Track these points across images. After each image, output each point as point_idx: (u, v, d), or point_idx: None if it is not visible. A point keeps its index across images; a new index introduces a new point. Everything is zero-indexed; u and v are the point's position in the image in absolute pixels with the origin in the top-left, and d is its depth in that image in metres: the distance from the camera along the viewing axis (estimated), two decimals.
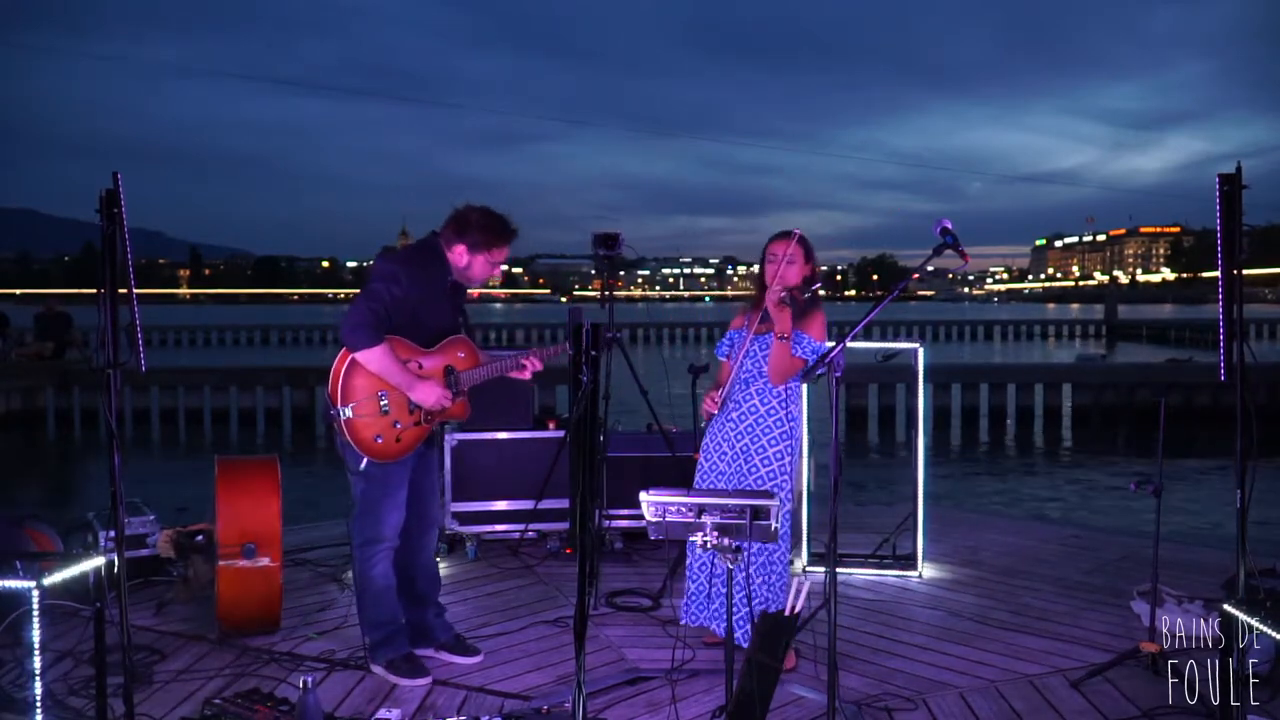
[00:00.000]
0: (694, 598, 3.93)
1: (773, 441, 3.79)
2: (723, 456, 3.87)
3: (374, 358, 3.52)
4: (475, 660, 3.88)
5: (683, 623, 3.96)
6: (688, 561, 3.98)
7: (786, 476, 3.81)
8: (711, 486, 3.86)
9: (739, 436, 3.83)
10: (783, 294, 3.73)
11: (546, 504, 5.42)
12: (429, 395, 3.59)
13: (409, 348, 3.62)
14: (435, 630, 3.94)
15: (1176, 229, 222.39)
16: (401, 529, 3.77)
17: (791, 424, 3.82)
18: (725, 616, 3.71)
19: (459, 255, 3.71)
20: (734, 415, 3.87)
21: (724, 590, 3.76)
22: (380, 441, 3.60)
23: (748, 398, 3.85)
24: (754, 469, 3.80)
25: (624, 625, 4.30)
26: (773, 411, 3.81)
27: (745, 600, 3.68)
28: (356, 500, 3.72)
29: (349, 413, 3.56)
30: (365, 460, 3.62)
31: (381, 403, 3.58)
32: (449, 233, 3.72)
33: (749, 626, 3.62)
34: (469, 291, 3.88)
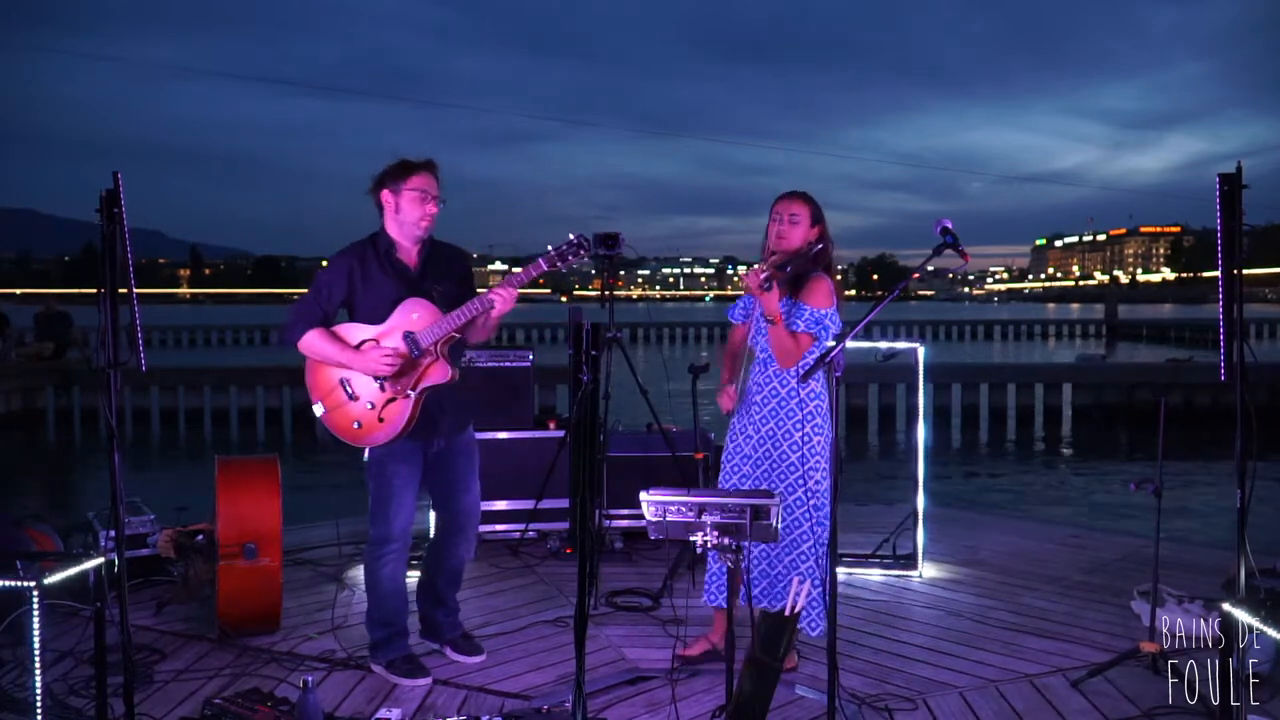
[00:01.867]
0: (715, 577, 3.78)
1: (798, 425, 3.63)
2: (748, 439, 3.72)
3: (306, 346, 3.56)
4: (478, 659, 3.88)
5: (713, 604, 3.80)
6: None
7: (820, 456, 3.63)
8: (738, 472, 3.73)
9: (764, 421, 3.69)
10: (764, 275, 3.46)
11: (546, 504, 5.42)
12: (366, 362, 3.50)
13: (362, 328, 3.57)
14: (443, 628, 3.94)
15: (1177, 229, 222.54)
16: (426, 530, 3.76)
17: (815, 402, 3.64)
18: (766, 592, 3.67)
19: (388, 205, 3.60)
20: (757, 399, 3.72)
21: (761, 564, 3.69)
22: (360, 427, 3.56)
23: (767, 380, 3.70)
24: (784, 455, 3.64)
25: (624, 625, 4.30)
26: (793, 394, 3.65)
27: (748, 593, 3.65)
28: (369, 500, 3.73)
29: (321, 409, 3.60)
30: (366, 450, 3.63)
31: (345, 389, 3.56)
32: (374, 194, 3.64)
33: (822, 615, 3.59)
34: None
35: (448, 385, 3.58)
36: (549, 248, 3.49)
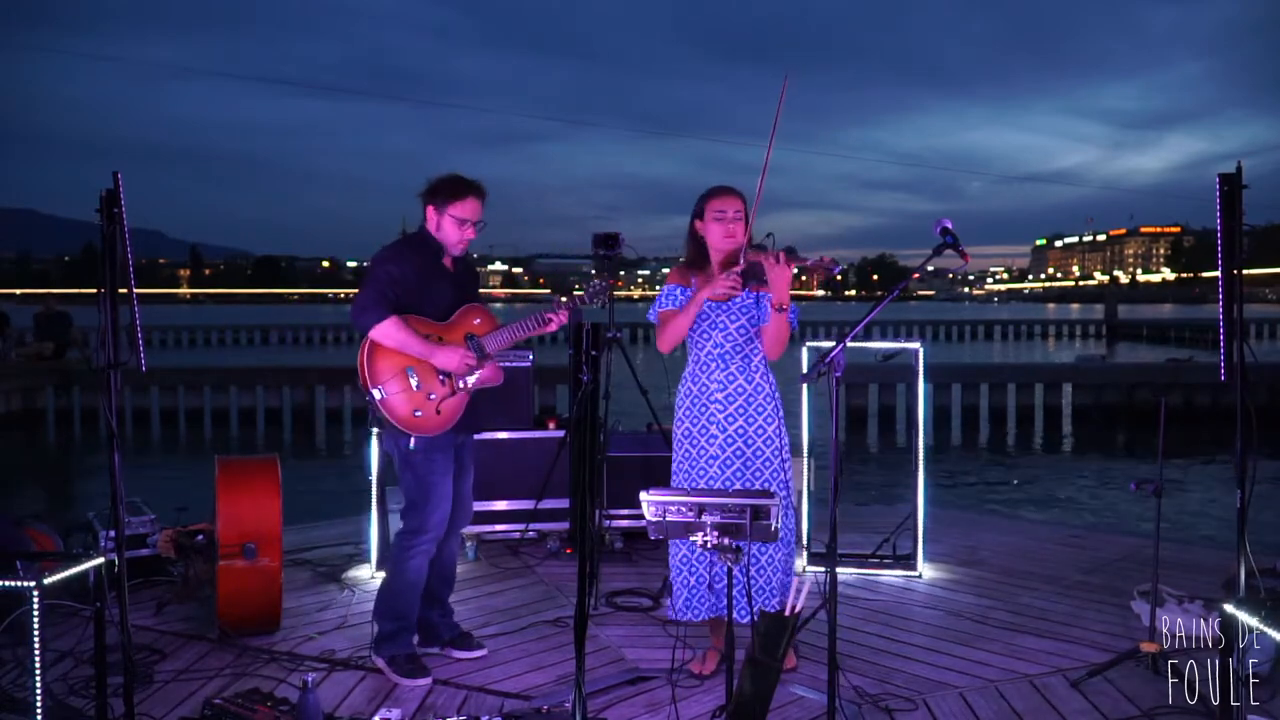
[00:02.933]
0: (695, 591, 3.70)
1: (769, 419, 3.61)
2: (713, 440, 3.61)
3: (386, 332, 3.59)
4: (479, 654, 3.90)
5: (685, 619, 3.71)
6: (680, 555, 3.70)
7: (787, 449, 3.65)
8: (704, 475, 3.63)
9: (730, 419, 3.60)
10: (805, 261, 3.38)
11: (546, 504, 5.42)
12: (450, 358, 3.63)
13: (426, 323, 3.68)
14: (439, 629, 3.95)
15: (1177, 229, 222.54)
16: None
17: (777, 397, 3.67)
18: (758, 595, 3.63)
19: (432, 221, 3.75)
20: (719, 396, 3.61)
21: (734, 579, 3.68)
22: (420, 415, 3.64)
23: (730, 377, 3.61)
24: (758, 452, 3.60)
25: (624, 625, 4.30)
26: (760, 388, 3.62)
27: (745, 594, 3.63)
28: (404, 492, 3.79)
29: (381, 393, 3.62)
30: (413, 438, 3.66)
31: (410, 378, 3.63)
32: (425, 203, 3.76)
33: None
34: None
35: (490, 388, 3.79)
36: (584, 286, 3.74)
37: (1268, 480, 10.56)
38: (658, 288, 3.87)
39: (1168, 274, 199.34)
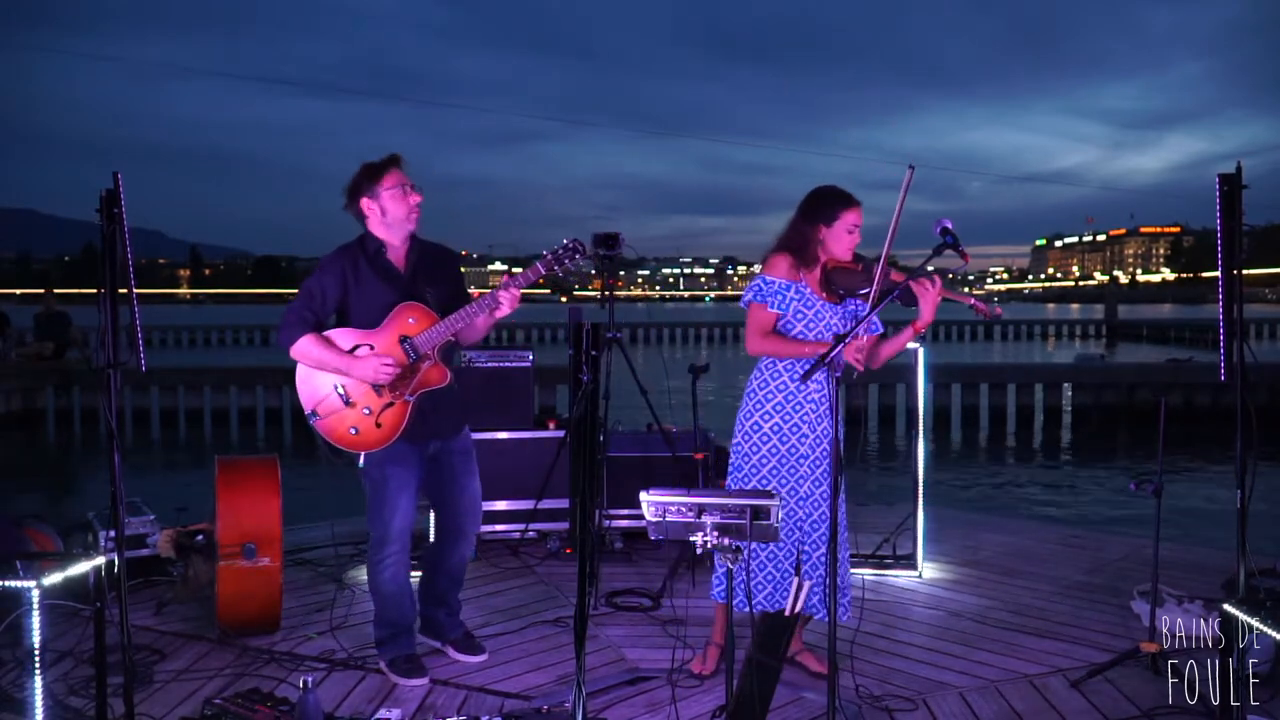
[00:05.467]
0: (780, 584, 3.66)
1: (832, 421, 3.66)
2: (803, 439, 3.63)
3: (301, 351, 3.52)
4: (480, 658, 3.89)
5: (771, 610, 3.62)
6: (767, 551, 3.68)
7: None
8: (795, 472, 3.62)
9: (819, 420, 3.63)
10: (966, 300, 3.49)
11: (546, 504, 5.42)
12: (365, 370, 3.47)
13: (354, 333, 3.55)
14: (445, 628, 3.94)
15: (1177, 229, 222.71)
16: (427, 531, 3.74)
17: None
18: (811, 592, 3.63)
19: (371, 212, 3.58)
20: (815, 397, 3.63)
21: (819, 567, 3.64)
22: (357, 433, 3.53)
23: (827, 379, 3.59)
24: (826, 451, 3.63)
25: (624, 625, 4.30)
26: (836, 391, 3.68)
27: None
28: (367, 505, 3.72)
29: (315, 416, 3.55)
30: (361, 456, 3.59)
31: (340, 394, 3.53)
32: (353, 207, 3.62)
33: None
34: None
35: (444, 388, 3.60)
36: (545, 252, 3.53)
37: (1268, 480, 10.56)
38: (658, 288, 3.84)
39: (1168, 274, 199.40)
